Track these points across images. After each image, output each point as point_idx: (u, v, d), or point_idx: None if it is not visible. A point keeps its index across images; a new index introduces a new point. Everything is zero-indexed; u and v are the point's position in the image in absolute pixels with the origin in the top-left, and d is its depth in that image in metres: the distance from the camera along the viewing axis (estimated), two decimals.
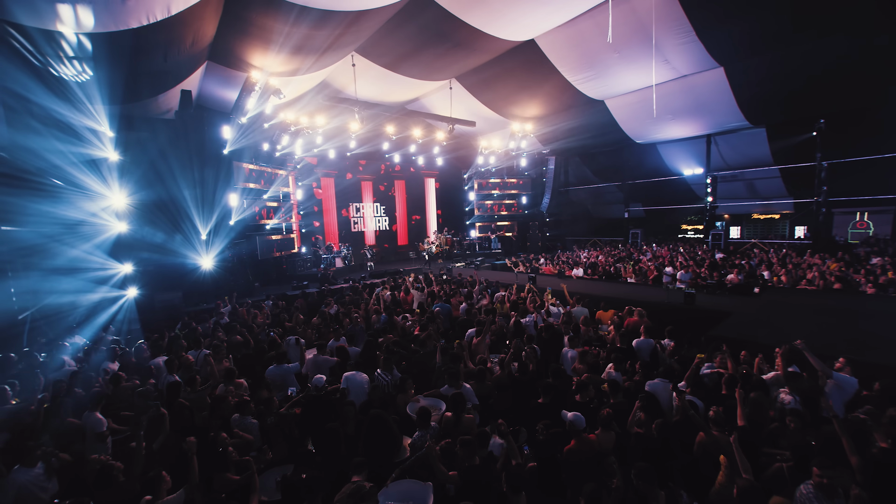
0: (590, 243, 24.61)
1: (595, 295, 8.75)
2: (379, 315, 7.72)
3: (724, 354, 4.45)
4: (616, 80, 13.99)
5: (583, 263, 14.74)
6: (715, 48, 11.69)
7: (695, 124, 16.47)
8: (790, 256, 13.50)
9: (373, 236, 20.47)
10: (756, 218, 25.82)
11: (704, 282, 10.11)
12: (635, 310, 6.70)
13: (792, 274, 10.36)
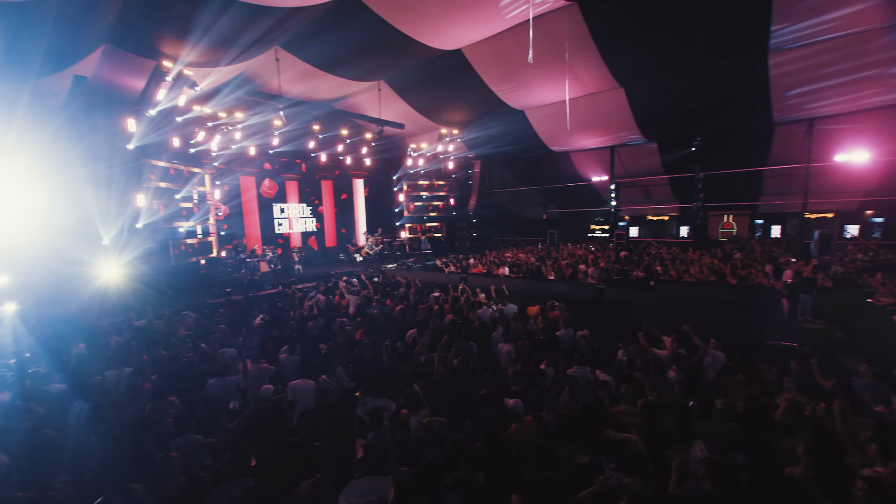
0: (513, 243, 26.19)
1: (521, 292, 9.54)
2: (315, 321, 7.64)
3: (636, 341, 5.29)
4: (534, 92, 15.18)
5: (508, 262, 15.75)
6: (617, 71, 13.30)
7: (601, 137, 18.46)
8: (678, 254, 15.84)
9: (299, 238, 19.67)
10: (650, 219, 29.54)
11: (612, 277, 11.53)
12: (557, 304, 7.52)
13: (678, 269, 12.23)
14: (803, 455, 2.88)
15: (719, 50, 11.85)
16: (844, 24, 10.50)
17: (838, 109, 14.20)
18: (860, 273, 10.52)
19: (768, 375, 4.36)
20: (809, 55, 11.74)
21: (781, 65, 12.20)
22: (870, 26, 10.59)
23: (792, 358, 4.99)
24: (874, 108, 14.03)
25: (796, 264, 11.46)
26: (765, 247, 17.59)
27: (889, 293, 8.34)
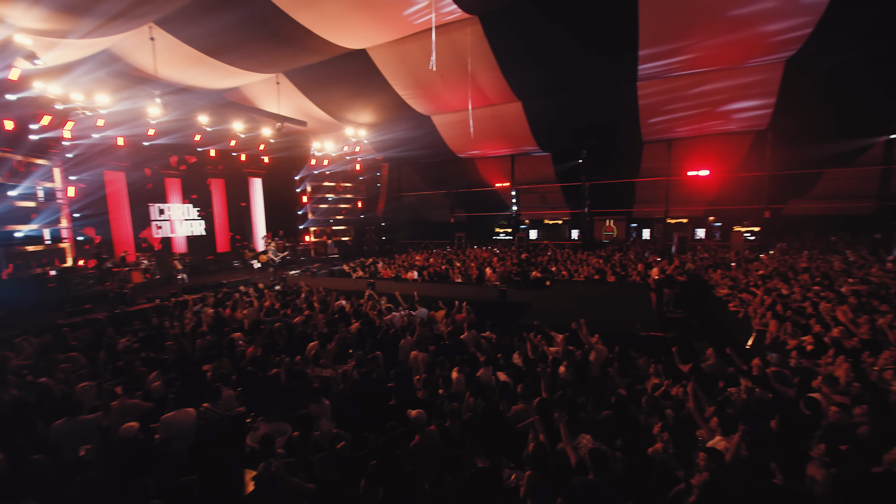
0: (422, 246, 26.47)
1: (430, 296, 9.63)
2: (201, 338, 6.77)
3: (532, 340, 5.65)
4: (440, 99, 15.52)
5: (417, 266, 15.83)
6: (516, 86, 14.23)
7: (502, 146, 19.61)
8: (570, 255, 17.49)
9: (184, 243, 17.39)
10: (547, 223, 32.21)
11: (512, 278, 12.27)
12: (463, 306, 7.73)
13: (570, 269, 13.49)
14: (666, 433, 3.33)
15: (598, 76, 13.40)
16: (691, 64, 12.59)
17: (690, 133, 17.07)
18: (705, 269, 12.70)
19: (641, 364, 5.01)
20: (668, 90, 13.91)
21: (648, 96, 14.25)
22: (708, 68, 12.90)
23: (659, 346, 5.78)
24: (715, 134, 17.20)
25: (661, 262, 13.43)
26: (636, 247, 20.29)
27: (725, 285, 10.20)
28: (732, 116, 15.28)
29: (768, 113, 14.64)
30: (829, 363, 5.14)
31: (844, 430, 3.46)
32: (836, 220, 20.59)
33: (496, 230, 31.41)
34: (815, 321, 6.35)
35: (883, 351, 5.15)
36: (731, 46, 11.62)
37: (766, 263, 12.77)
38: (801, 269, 11.09)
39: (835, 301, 7.30)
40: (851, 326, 6.00)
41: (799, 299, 8.13)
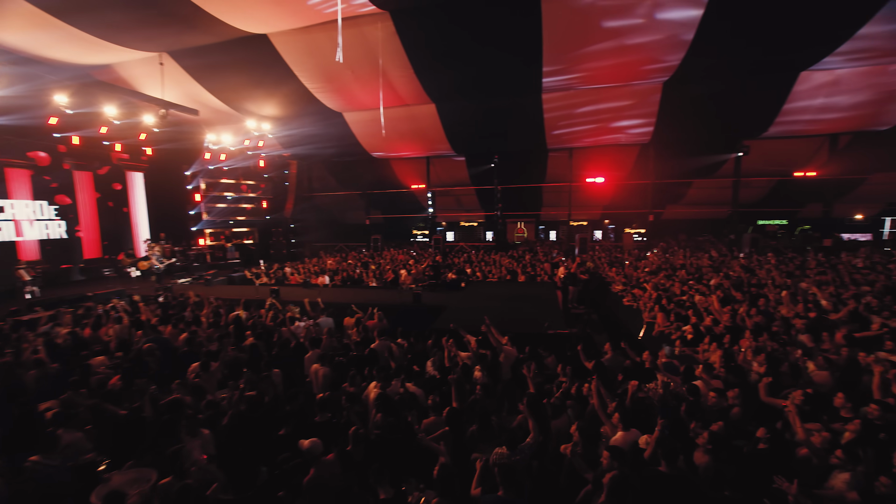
0: (336, 249, 25.30)
1: (343, 302, 9.05)
2: (42, 368, 5.44)
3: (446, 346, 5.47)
4: (352, 96, 14.87)
5: (330, 270, 14.95)
6: (428, 87, 14.16)
7: (417, 147, 19.49)
8: (485, 256, 17.96)
9: (35, 249, 14.30)
10: (463, 225, 32.97)
11: (427, 281, 12.14)
12: (375, 312, 7.33)
13: (484, 270, 13.78)
14: (577, 433, 3.35)
15: (506, 84, 13.92)
16: (588, 79, 13.68)
17: (588, 144, 18.64)
18: (603, 267, 13.88)
19: (549, 363, 5.13)
20: (569, 104, 14.99)
21: (552, 109, 15.21)
22: (602, 84, 14.15)
23: (565, 343, 5.99)
24: (608, 146, 19.02)
25: (565, 262, 14.37)
26: (544, 248, 21.62)
27: (619, 282, 11.20)
28: (623, 131, 17.00)
29: (650, 129, 16.54)
30: (705, 350, 5.78)
31: (720, 413, 3.82)
32: (702, 223, 24.16)
33: (414, 232, 31.32)
34: (692, 312, 7.17)
35: (741, 336, 5.93)
36: (619, 67, 12.84)
37: (652, 261, 14.38)
38: (679, 266, 12.65)
39: (706, 293, 8.36)
40: (718, 315, 6.87)
41: (678, 293, 9.19)
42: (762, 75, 13.60)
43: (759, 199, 22.02)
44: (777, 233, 22.32)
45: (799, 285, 9.11)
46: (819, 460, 3.20)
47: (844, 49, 11.76)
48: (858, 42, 11.37)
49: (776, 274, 10.46)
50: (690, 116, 15.59)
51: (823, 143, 18.25)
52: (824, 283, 9.16)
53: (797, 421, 3.38)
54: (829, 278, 9.63)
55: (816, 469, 3.20)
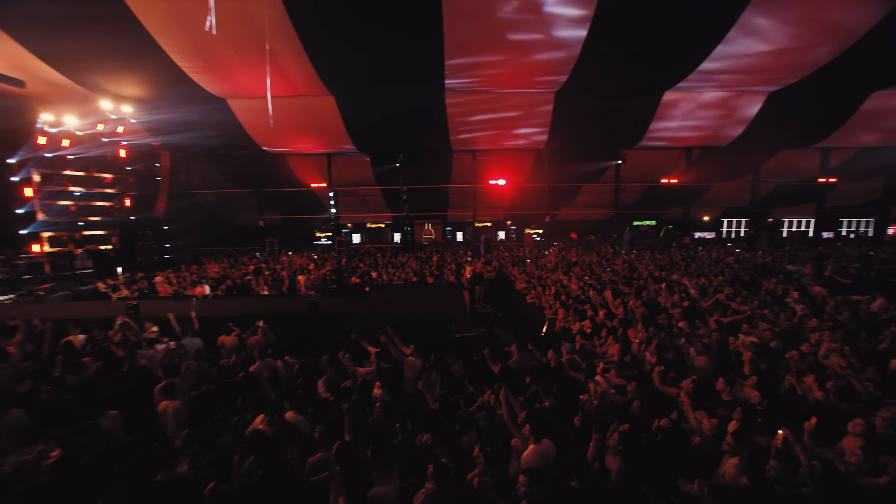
0: (225, 254, 22.45)
1: (224, 316, 7.71)
2: None
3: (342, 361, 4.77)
4: (236, 79, 13.14)
5: (213, 278, 12.97)
6: (327, 77, 13.13)
7: (317, 143, 18.13)
8: (392, 258, 17.32)
9: None
10: (370, 226, 31.89)
11: (328, 287, 11.15)
12: (259, 326, 6.29)
13: (390, 273, 13.18)
14: (480, 455, 2.98)
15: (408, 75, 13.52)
16: (489, 82, 13.98)
17: (489, 146, 19.21)
18: (506, 266, 14.26)
19: (456, 370, 4.78)
20: (470, 103, 15.15)
21: (455, 105, 15.24)
22: (500, 89, 14.60)
23: (473, 347, 5.71)
24: (509, 149, 19.85)
25: (472, 262, 14.46)
26: (452, 248, 21.77)
27: (522, 280, 11.51)
28: (521, 136, 17.82)
29: (545, 136, 17.60)
30: (602, 343, 5.97)
31: (620, 410, 3.81)
32: (591, 224, 26.68)
33: (317, 234, 29.35)
34: (588, 307, 7.49)
35: (630, 328, 6.28)
36: (516, 73, 13.33)
37: (551, 259, 15.22)
38: (573, 263, 13.53)
39: (598, 288, 8.88)
40: (612, 308, 7.28)
41: (574, 288, 9.67)
42: (636, 92, 15.28)
43: (634, 202, 24.99)
44: (649, 232, 25.61)
45: (671, 277, 10.25)
46: (710, 447, 3.29)
47: (694, 77, 13.76)
48: (705, 70, 13.41)
49: (653, 268, 11.70)
50: (578, 126, 16.91)
51: (681, 156, 21.35)
52: (692, 275, 10.44)
53: (689, 411, 3.47)
54: (693, 270, 11.02)
55: (709, 455, 3.29)
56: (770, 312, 6.56)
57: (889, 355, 4.75)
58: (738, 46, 12.04)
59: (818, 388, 3.98)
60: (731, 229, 27.46)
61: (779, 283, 9.23)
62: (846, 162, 21.05)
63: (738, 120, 16.93)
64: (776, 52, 12.31)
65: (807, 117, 16.70)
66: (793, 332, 5.90)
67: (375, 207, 26.20)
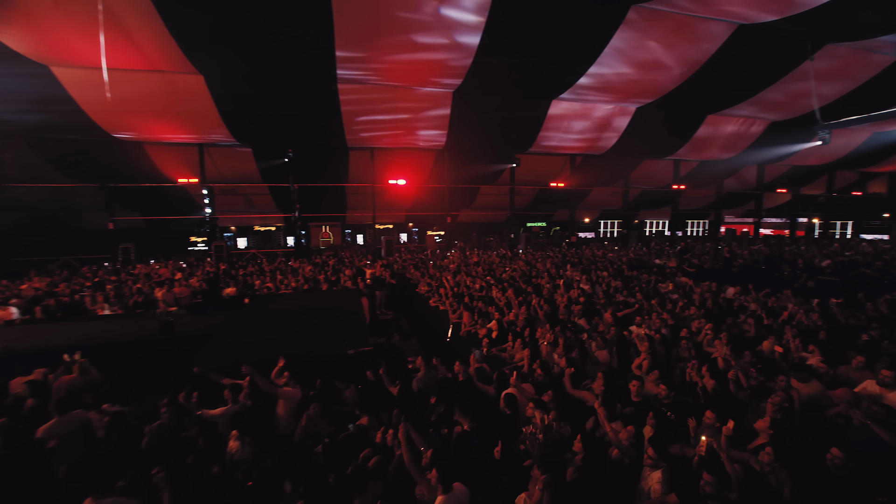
0: (59, 264, 17.87)
1: (36, 349, 5.67)
2: None
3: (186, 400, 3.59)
4: (60, 41, 10.30)
5: (26, 297, 9.94)
6: (191, 50, 11.01)
7: (184, 130, 15.36)
8: (283, 264, 15.44)
9: None
10: (259, 229, 28.64)
11: (195, 301, 9.27)
12: (76, 363, 4.63)
13: (277, 281, 11.58)
14: None
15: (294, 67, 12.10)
16: (384, 75, 13.19)
17: (388, 144, 18.40)
18: (409, 268, 13.65)
19: (348, 396, 3.93)
20: (365, 96, 14.19)
21: (349, 102, 14.11)
22: (398, 83, 13.93)
23: (370, 364, 4.90)
24: (408, 148, 19.27)
25: (371, 265, 13.53)
26: (351, 251, 20.45)
27: (425, 283, 10.99)
28: (420, 135, 17.38)
29: (444, 135, 17.43)
30: (509, 345, 5.65)
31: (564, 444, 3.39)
32: (489, 225, 27.57)
33: (192, 239, 25.32)
34: (493, 308, 7.22)
35: (537, 327, 6.12)
36: (412, 68, 12.81)
37: (454, 261, 15.03)
38: (474, 264, 13.49)
39: (503, 287, 8.76)
40: (516, 308, 7.10)
41: (477, 288, 9.45)
42: (527, 98, 15.95)
43: (528, 204, 26.46)
44: (540, 233, 27.39)
45: (565, 273, 10.67)
46: (630, 459, 3.03)
47: (576, 89, 14.83)
48: (584, 86, 14.55)
49: (549, 265, 12.15)
50: (476, 128, 17.09)
51: (566, 162, 23.14)
52: (587, 270, 11.00)
53: (606, 423, 3.18)
54: (590, 269, 11.68)
55: (629, 468, 3.02)
56: (657, 303, 6.98)
57: (757, 340, 5.22)
58: (609, 66, 13.29)
59: (710, 377, 4.07)
60: (608, 229, 30.88)
61: (652, 276, 10.20)
62: (691, 172, 25.02)
63: (612, 131, 18.83)
64: (639, 74, 13.88)
65: (662, 132, 19.30)
66: (677, 321, 6.30)
67: (263, 208, 23.49)
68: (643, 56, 12.90)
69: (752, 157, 22.78)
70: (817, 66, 13.11)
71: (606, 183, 25.06)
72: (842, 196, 29.84)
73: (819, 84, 13.51)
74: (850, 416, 3.28)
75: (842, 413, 3.38)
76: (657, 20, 11.27)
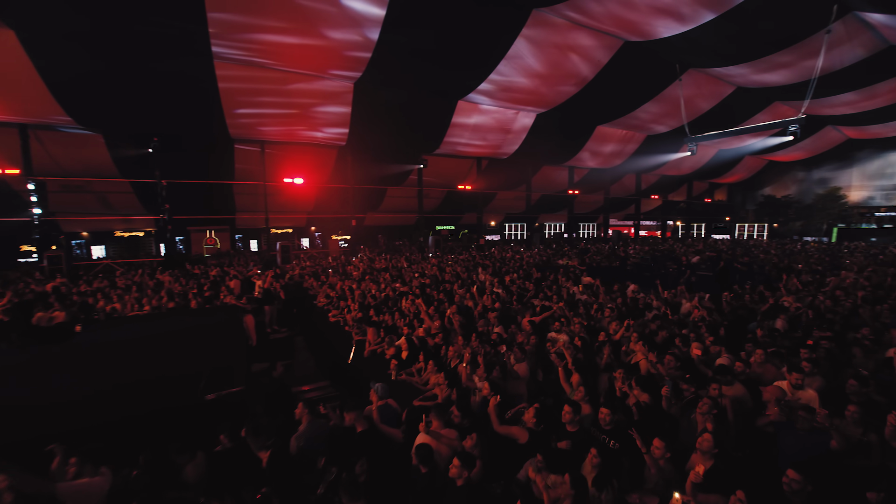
0: None
1: None
2: None
3: None
4: None
5: None
6: None
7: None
8: (146, 279, 12.56)
9: None
10: (121, 235, 23.89)
11: None
12: None
13: (130, 299, 9.21)
14: None
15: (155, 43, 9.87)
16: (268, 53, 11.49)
17: (281, 138, 16.41)
18: (306, 279, 12.05)
19: (191, 474, 2.69)
20: (250, 78, 12.25)
21: (229, 79, 12.03)
22: (290, 68, 12.32)
23: (237, 411, 3.65)
24: (306, 143, 17.43)
25: (262, 276, 11.65)
26: (241, 259, 17.82)
27: (325, 295, 9.65)
28: (318, 127, 15.78)
29: (345, 130, 16.08)
30: (421, 368, 4.80)
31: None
32: (398, 228, 26.63)
33: (23, 248, 19.90)
34: (403, 322, 6.32)
35: (452, 341, 5.39)
36: (306, 51, 11.40)
37: (358, 266, 13.76)
38: (382, 270, 12.44)
39: (409, 295, 7.90)
40: (428, 320, 6.30)
41: (383, 298, 8.47)
42: (434, 96, 15.45)
43: (436, 207, 26.16)
44: (449, 236, 27.29)
45: (478, 278, 10.23)
46: None
47: (480, 91, 14.77)
48: (486, 91, 14.56)
49: (459, 269, 11.65)
50: (380, 124, 16.09)
51: (473, 165, 23.32)
52: (496, 273, 10.67)
53: (541, 484, 2.46)
54: (492, 268, 11.39)
55: None
56: (568, 306, 6.74)
57: (670, 340, 5.13)
58: (511, 72, 13.44)
59: (641, 390, 3.70)
60: (513, 232, 32.11)
61: (558, 276, 10.26)
62: (583, 178, 27.11)
63: (515, 137, 19.34)
64: (538, 82, 14.29)
65: (559, 140, 20.44)
66: (591, 322, 6.09)
67: (125, 209, 19.41)
68: (543, 63, 13.23)
69: (632, 167, 25.47)
70: (685, 88, 14.86)
71: (511, 187, 25.87)
72: (697, 202, 35.20)
73: (686, 103, 15.32)
74: (779, 423, 3.09)
75: (774, 421, 3.18)
76: (556, 28, 11.55)
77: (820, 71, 11.08)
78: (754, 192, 35.96)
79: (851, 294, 7.21)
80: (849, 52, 12.30)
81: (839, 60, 12.23)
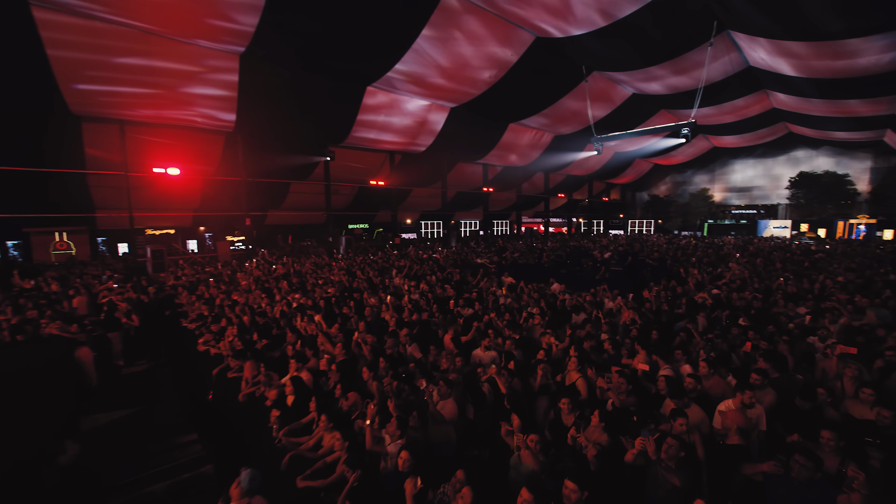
0: None
1: None
2: None
3: None
4: None
5: None
6: None
7: None
8: None
9: None
10: None
11: None
12: None
13: None
14: None
15: None
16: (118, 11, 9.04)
17: (149, 118, 13.36)
18: (179, 290, 9.78)
19: None
20: (90, 32, 9.50)
21: (54, 27, 9.11)
22: (149, 26, 9.84)
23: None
24: (183, 127, 14.50)
25: (115, 291, 9.13)
26: (94, 269, 14.24)
27: (197, 311, 7.70)
28: (196, 108, 13.16)
29: (233, 114, 13.70)
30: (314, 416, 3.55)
31: None
32: (305, 228, 24.20)
33: None
34: (293, 351, 4.93)
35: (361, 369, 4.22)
36: (170, 9, 9.17)
37: (252, 273, 11.72)
38: (281, 277, 10.64)
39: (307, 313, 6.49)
40: (329, 345, 5.02)
41: (277, 315, 6.94)
42: (340, 81, 13.85)
43: (347, 205, 24.30)
44: (363, 235, 25.61)
45: (391, 283, 9.09)
46: None
47: (389, 78, 13.63)
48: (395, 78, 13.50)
49: (372, 273, 10.38)
50: (275, 107, 14.02)
51: (386, 159, 21.98)
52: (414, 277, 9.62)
53: None
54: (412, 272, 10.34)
55: None
56: (495, 315, 5.95)
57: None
58: (420, 59, 12.55)
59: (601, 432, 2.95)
60: (429, 230, 31.38)
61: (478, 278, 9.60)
62: (497, 176, 27.38)
63: (429, 130, 18.50)
64: (449, 73, 13.61)
65: (472, 136, 20.13)
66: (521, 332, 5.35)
67: None
68: (455, 51, 12.52)
69: (542, 165, 26.34)
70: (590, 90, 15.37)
71: (426, 183, 25.06)
72: (596, 201, 38.13)
73: (592, 104, 15.88)
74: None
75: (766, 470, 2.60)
76: (469, 15, 10.87)
77: (702, 82, 12.09)
78: (642, 191, 40.15)
79: (749, 286, 7.60)
80: (718, 68, 13.75)
81: (710, 76, 13.66)
